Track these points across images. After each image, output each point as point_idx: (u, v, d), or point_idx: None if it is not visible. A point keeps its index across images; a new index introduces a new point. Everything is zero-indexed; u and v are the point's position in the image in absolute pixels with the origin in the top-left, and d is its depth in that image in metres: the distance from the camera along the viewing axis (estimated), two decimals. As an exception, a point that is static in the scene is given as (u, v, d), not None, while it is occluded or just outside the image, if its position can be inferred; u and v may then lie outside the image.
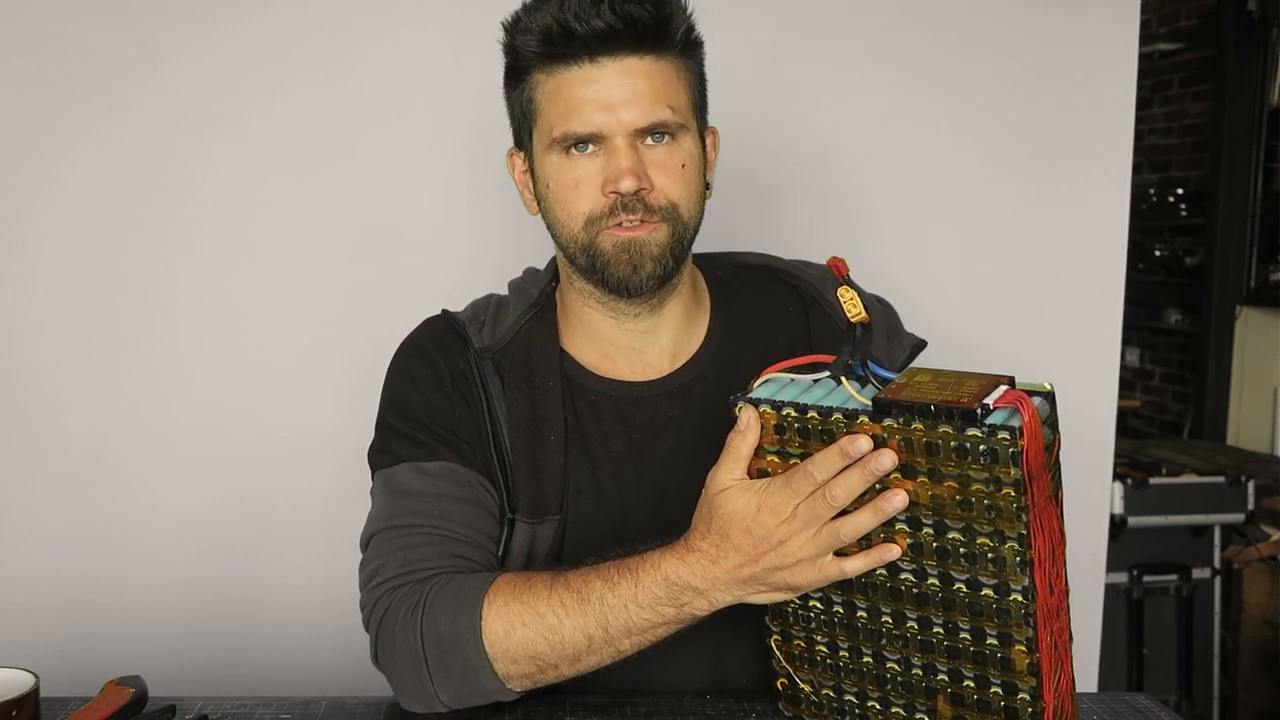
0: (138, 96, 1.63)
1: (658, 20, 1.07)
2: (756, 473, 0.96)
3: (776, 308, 1.24)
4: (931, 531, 0.89)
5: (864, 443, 0.88)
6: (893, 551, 0.92)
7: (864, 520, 0.91)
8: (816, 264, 1.29)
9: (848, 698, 1.00)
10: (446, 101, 1.70)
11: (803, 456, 0.92)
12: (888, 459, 0.88)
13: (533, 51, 1.08)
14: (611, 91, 1.07)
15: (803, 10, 1.77)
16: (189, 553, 1.70)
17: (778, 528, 0.93)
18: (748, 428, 0.95)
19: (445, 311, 1.23)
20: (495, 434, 1.15)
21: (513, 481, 1.15)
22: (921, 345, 1.24)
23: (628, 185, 1.07)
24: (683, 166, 1.11)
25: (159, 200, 1.66)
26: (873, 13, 1.79)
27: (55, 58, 1.61)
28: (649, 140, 1.09)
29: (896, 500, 0.89)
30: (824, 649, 1.00)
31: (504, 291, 1.26)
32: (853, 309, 0.94)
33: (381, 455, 1.16)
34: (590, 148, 1.09)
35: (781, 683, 1.04)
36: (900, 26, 1.80)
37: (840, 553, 0.94)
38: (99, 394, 1.67)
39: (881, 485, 0.90)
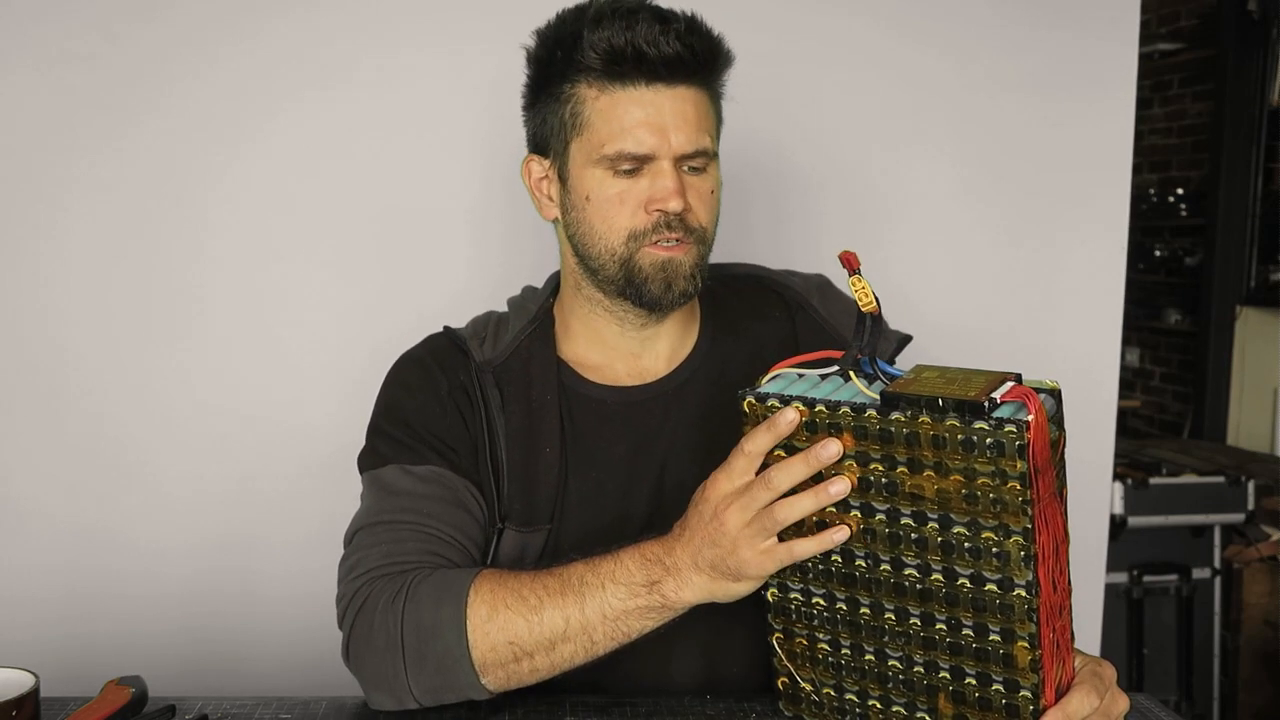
0: (159, 105, 1.64)
1: (711, 54, 1.14)
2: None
3: (764, 313, 1.28)
4: (936, 526, 0.89)
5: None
6: (841, 533, 0.93)
7: (803, 504, 0.93)
8: (801, 273, 1.34)
9: (848, 697, 1.00)
10: (454, 111, 1.70)
11: None
12: (834, 446, 0.91)
13: (593, 67, 1.12)
14: (665, 116, 1.12)
15: (805, 19, 1.77)
16: (190, 553, 1.69)
17: (716, 506, 0.96)
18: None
19: (447, 328, 1.25)
20: (493, 446, 1.17)
21: (506, 492, 1.17)
22: (907, 339, 1.27)
23: (675, 205, 1.12)
24: (711, 193, 1.17)
25: (171, 207, 1.66)
26: (875, 14, 1.79)
27: (88, 67, 1.62)
28: (687, 166, 1.14)
29: (837, 486, 0.92)
30: (826, 646, 1.00)
31: (502, 307, 1.29)
32: (864, 299, 0.94)
33: (370, 457, 1.19)
34: (634, 165, 1.13)
35: (782, 681, 1.04)
36: (902, 29, 1.80)
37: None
38: (98, 394, 1.67)
39: (892, 482, 0.90)
